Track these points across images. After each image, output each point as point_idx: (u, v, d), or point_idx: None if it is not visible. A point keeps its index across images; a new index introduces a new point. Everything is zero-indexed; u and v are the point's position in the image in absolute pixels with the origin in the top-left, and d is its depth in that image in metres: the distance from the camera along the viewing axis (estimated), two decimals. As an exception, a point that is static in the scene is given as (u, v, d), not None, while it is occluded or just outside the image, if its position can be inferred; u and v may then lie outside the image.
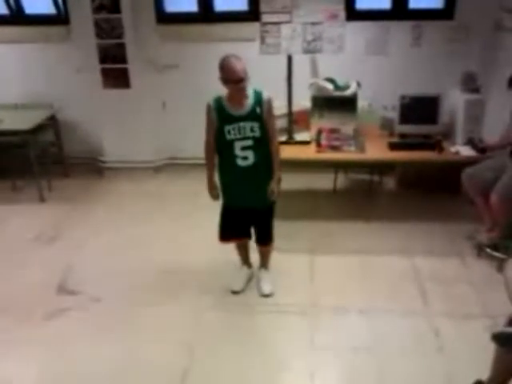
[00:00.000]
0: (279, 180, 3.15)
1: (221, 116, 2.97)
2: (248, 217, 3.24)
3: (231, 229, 3.29)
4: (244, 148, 2.99)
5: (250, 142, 2.98)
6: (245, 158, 3.01)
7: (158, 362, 2.85)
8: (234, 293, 3.39)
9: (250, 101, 2.95)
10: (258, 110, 2.95)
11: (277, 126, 3.18)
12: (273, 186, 3.11)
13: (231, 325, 3.13)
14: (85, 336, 3.05)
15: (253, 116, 2.95)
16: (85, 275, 3.65)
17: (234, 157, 3.01)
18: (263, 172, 3.10)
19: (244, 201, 3.17)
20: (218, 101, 2.98)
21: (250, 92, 2.97)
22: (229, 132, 2.96)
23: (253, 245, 3.44)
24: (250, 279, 3.51)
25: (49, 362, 2.88)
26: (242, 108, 2.95)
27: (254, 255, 3.51)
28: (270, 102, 3.00)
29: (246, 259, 3.53)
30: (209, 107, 3.00)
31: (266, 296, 3.36)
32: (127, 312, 3.26)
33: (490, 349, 2.27)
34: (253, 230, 3.35)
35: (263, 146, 3.02)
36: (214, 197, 3.21)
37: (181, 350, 2.92)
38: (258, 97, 2.97)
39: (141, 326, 3.13)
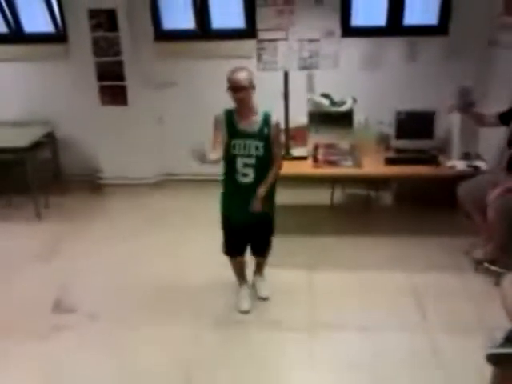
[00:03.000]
0: (265, 192, 3.08)
1: (229, 129, 3.00)
2: (246, 234, 3.25)
3: (234, 246, 3.30)
4: (246, 165, 3.02)
5: (252, 161, 3.01)
6: (245, 175, 3.04)
7: (156, 379, 2.83)
8: (244, 312, 3.36)
9: (258, 120, 2.99)
10: (265, 130, 2.99)
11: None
12: (261, 191, 3.04)
13: (229, 342, 3.10)
14: (81, 354, 3.03)
15: (260, 136, 2.98)
16: (82, 292, 3.63)
17: (235, 172, 3.05)
18: None
19: (241, 216, 3.17)
20: (228, 114, 3.02)
21: (259, 111, 3.01)
22: (234, 147, 2.99)
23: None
24: (250, 294, 3.52)
25: (45, 381, 2.85)
26: (250, 125, 2.99)
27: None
28: (278, 126, 3.06)
29: (242, 277, 3.51)
30: (217, 120, 3.02)
31: (264, 299, 3.38)
32: (125, 330, 3.23)
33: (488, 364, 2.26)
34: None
35: (265, 165, 3.05)
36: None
37: (178, 368, 2.90)
38: (267, 118, 3.00)
39: (138, 345, 3.10)
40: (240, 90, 2.88)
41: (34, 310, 3.44)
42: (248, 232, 3.24)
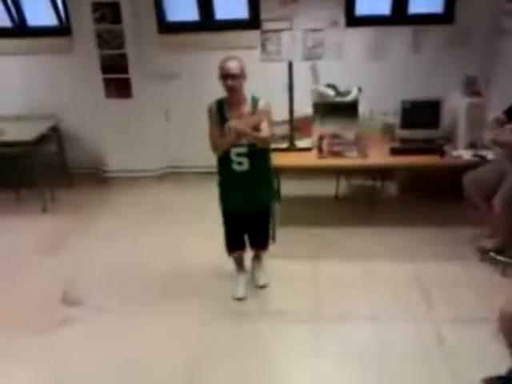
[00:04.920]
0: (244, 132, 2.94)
1: (220, 119, 3.04)
2: (244, 223, 3.30)
3: (236, 239, 3.36)
4: (239, 154, 3.07)
5: (245, 149, 3.06)
6: (240, 164, 3.10)
7: (161, 372, 2.84)
8: (239, 299, 3.41)
9: (247, 108, 3.03)
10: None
11: (276, 132, 3.23)
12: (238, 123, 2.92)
13: (234, 333, 3.12)
14: (88, 347, 3.05)
15: None
16: (88, 285, 3.65)
17: (230, 161, 3.10)
18: (258, 178, 3.18)
19: (239, 205, 3.22)
20: (219, 103, 3.07)
21: (248, 98, 3.05)
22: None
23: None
24: (247, 282, 3.57)
25: (52, 373, 2.88)
26: (240, 115, 3.01)
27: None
28: (266, 106, 3.06)
29: (241, 267, 3.56)
30: (210, 110, 3.08)
31: (262, 287, 3.41)
32: (131, 322, 3.25)
33: (495, 353, 2.25)
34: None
35: (258, 153, 3.09)
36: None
37: (183, 360, 2.91)
38: (255, 104, 3.05)
39: (144, 337, 3.12)
40: (231, 78, 2.93)
41: (40, 304, 3.46)
42: (246, 222, 3.29)
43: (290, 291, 3.45)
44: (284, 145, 4.14)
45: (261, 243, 3.43)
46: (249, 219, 3.28)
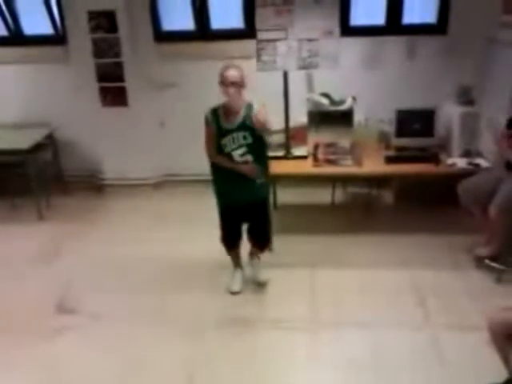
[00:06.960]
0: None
1: (217, 128, 3.13)
2: (241, 216, 3.35)
3: (230, 231, 3.41)
4: (242, 154, 3.15)
5: (245, 149, 3.14)
6: (245, 162, 3.18)
7: (158, 379, 2.83)
8: (234, 293, 3.51)
9: (241, 113, 3.10)
10: (247, 121, 3.09)
11: (274, 141, 3.31)
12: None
13: (230, 340, 3.11)
14: (84, 355, 3.03)
15: (243, 127, 3.10)
16: (84, 293, 3.64)
17: (234, 161, 3.18)
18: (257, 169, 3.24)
19: (238, 196, 3.26)
20: (214, 112, 3.15)
21: (244, 106, 3.12)
22: (225, 145, 3.12)
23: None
24: (244, 279, 3.64)
25: (48, 381, 2.86)
26: (233, 121, 3.10)
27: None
28: (260, 107, 3.11)
29: (237, 263, 3.64)
30: (207, 119, 3.16)
31: (262, 284, 3.50)
32: (127, 331, 3.24)
33: (491, 361, 2.26)
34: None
35: (256, 148, 3.18)
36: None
37: (180, 367, 2.91)
38: (249, 110, 3.10)
39: (140, 345, 3.11)
40: (230, 86, 3.01)
41: (36, 312, 3.45)
42: (244, 214, 3.34)
43: (287, 299, 3.46)
44: (280, 153, 4.16)
45: (259, 241, 3.47)
46: (245, 212, 3.33)
